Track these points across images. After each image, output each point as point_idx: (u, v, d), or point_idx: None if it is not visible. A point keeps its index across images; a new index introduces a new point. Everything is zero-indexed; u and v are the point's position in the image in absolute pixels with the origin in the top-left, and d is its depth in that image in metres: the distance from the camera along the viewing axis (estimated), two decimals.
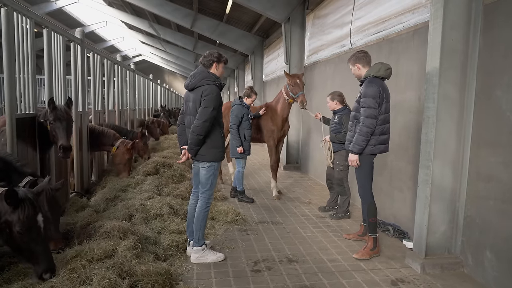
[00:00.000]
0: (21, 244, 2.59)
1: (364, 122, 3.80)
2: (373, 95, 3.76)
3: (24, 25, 3.96)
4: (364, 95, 3.81)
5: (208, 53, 3.74)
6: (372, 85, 3.79)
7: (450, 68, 3.59)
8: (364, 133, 3.81)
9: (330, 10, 7.60)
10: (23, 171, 3.10)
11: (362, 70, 4.02)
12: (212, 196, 3.88)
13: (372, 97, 3.75)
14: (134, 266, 2.94)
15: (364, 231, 4.43)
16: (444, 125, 3.64)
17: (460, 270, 3.70)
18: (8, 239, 2.62)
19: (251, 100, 6.08)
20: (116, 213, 4.30)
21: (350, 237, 4.56)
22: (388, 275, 3.64)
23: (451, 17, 3.51)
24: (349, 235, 4.59)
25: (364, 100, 3.79)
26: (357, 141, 3.86)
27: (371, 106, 3.76)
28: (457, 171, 3.72)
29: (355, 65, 4.06)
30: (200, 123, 3.51)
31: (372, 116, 3.77)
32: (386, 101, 3.87)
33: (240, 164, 6.11)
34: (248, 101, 6.07)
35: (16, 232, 2.58)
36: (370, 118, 3.77)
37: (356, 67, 4.05)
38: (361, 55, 4.04)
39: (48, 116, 4.15)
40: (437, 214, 3.74)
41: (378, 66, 3.90)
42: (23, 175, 3.07)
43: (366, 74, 3.94)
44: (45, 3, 17.51)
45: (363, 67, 4.02)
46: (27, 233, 2.59)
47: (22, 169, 3.11)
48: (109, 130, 6.25)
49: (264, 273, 3.62)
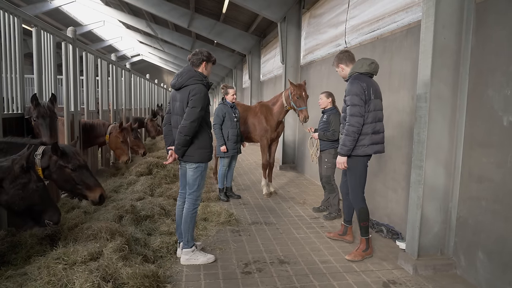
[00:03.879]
0: (75, 179, 3.42)
1: (350, 121, 3.66)
2: (356, 92, 3.63)
3: (11, 24, 3.91)
4: (347, 93, 3.71)
5: (198, 51, 3.68)
6: (355, 82, 3.68)
7: (443, 67, 3.54)
8: (350, 133, 3.66)
9: (326, 9, 7.56)
10: (33, 143, 3.33)
11: (346, 69, 3.94)
12: (200, 197, 3.83)
13: (355, 94, 3.63)
14: (119, 269, 2.88)
15: (345, 231, 4.43)
16: (436, 125, 3.60)
17: (453, 272, 3.65)
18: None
19: (231, 96, 6.03)
20: (106, 214, 4.25)
21: (331, 235, 4.54)
22: (380, 276, 3.59)
23: (443, 15, 3.46)
24: (331, 234, 4.58)
25: (348, 98, 3.68)
26: (344, 142, 3.73)
27: (356, 104, 3.63)
28: (449, 171, 3.67)
29: (338, 66, 4.00)
30: (188, 123, 3.45)
31: (357, 114, 3.63)
32: (375, 97, 3.73)
33: (222, 163, 6.16)
34: (229, 97, 6.03)
35: (70, 170, 3.39)
36: (355, 116, 3.63)
37: (340, 68, 3.98)
38: (342, 55, 3.97)
39: (31, 112, 4.09)
40: (429, 215, 3.70)
41: (360, 62, 3.81)
42: (35, 146, 3.33)
43: (350, 72, 3.86)
44: (42, 2, 17.41)
45: (346, 66, 3.94)
46: (79, 170, 3.43)
47: (31, 142, 3.38)
48: (98, 121, 6.19)
49: (254, 275, 3.57)
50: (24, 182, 2.86)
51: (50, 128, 4.11)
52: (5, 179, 2.81)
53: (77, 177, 3.43)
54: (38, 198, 2.93)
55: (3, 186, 2.81)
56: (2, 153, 3.18)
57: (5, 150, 3.20)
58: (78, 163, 3.44)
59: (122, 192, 5.43)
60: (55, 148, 3.30)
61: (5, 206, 2.93)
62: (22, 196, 2.86)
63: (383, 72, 5.12)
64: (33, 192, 2.90)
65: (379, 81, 5.15)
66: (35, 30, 4.49)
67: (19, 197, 2.85)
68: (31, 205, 2.92)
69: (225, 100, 6.06)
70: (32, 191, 2.89)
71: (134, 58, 36.21)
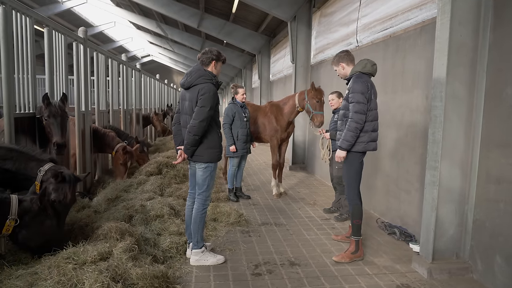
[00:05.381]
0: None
1: (353, 118, 3.68)
2: (362, 90, 3.66)
3: (23, 24, 3.93)
4: (352, 90, 3.72)
5: (208, 50, 3.64)
6: (360, 80, 3.71)
7: (459, 66, 3.44)
8: (353, 129, 3.69)
9: (337, 8, 7.47)
10: (42, 158, 3.46)
11: (347, 68, 3.95)
12: (210, 198, 3.79)
13: (360, 92, 3.66)
14: (129, 269, 2.86)
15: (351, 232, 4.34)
16: (452, 125, 3.50)
17: (469, 276, 3.55)
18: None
19: (241, 96, 5.99)
20: (116, 214, 4.24)
21: (339, 238, 4.47)
22: (393, 280, 3.51)
23: (459, 12, 3.36)
24: (338, 236, 4.50)
25: (353, 95, 3.69)
26: (346, 136, 3.74)
27: (360, 101, 3.65)
28: (465, 172, 3.57)
29: (338, 65, 3.98)
30: (197, 123, 3.41)
31: (361, 112, 3.66)
32: (374, 97, 3.79)
33: (231, 163, 6.12)
34: (239, 97, 5.99)
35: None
36: (359, 114, 3.66)
37: (340, 67, 3.97)
38: (343, 54, 3.98)
39: (43, 112, 4.11)
40: (445, 217, 3.60)
41: (363, 62, 3.82)
42: (42, 161, 3.42)
43: (352, 71, 3.87)
44: (54, 4, 17.65)
45: (347, 65, 3.94)
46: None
47: (41, 156, 3.49)
48: (110, 133, 6.22)
49: (264, 276, 3.52)
50: (42, 219, 3.06)
51: (61, 128, 4.13)
52: (25, 216, 3.02)
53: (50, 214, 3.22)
54: (52, 232, 3.13)
55: (24, 221, 3.01)
56: (13, 161, 3.30)
57: (15, 158, 3.32)
58: (59, 200, 3.25)
59: (132, 191, 5.43)
60: (56, 175, 3.25)
61: (22, 241, 3.08)
62: (39, 232, 3.05)
63: (396, 71, 5.04)
64: (50, 228, 3.13)
65: (392, 80, 5.10)
66: (47, 30, 4.52)
67: (37, 233, 3.05)
68: (47, 240, 3.11)
69: (235, 99, 6.03)
70: (49, 227, 3.12)
71: (144, 58, 36.50)
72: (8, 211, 2.96)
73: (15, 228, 2.98)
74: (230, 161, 6.17)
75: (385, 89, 5.24)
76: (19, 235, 3.02)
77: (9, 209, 2.96)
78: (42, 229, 3.09)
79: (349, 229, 4.43)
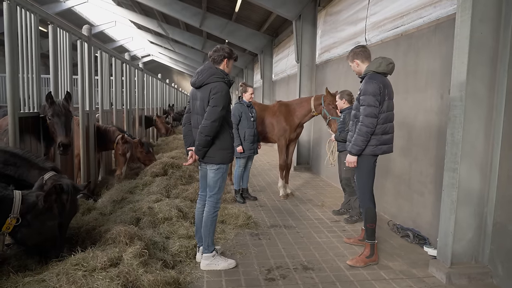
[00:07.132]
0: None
1: (364, 122, 3.53)
2: (373, 92, 3.49)
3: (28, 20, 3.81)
4: (363, 92, 3.55)
5: (220, 48, 3.52)
6: (372, 82, 3.53)
7: (479, 64, 3.34)
8: (363, 133, 3.54)
9: (343, 6, 7.36)
10: (44, 167, 3.28)
11: (362, 65, 3.76)
12: (220, 200, 3.67)
13: (372, 94, 3.49)
14: (140, 276, 2.74)
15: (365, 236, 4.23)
16: (471, 125, 3.39)
17: (489, 281, 3.44)
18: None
19: (249, 95, 5.88)
20: (123, 217, 4.13)
21: (351, 241, 4.34)
22: (411, 285, 3.40)
23: (480, 8, 3.26)
24: (350, 240, 4.38)
25: (364, 97, 3.53)
26: (356, 141, 3.59)
27: (371, 104, 3.49)
28: (485, 174, 3.46)
29: (353, 61, 3.81)
30: (209, 123, 3.29)
31: (372, 115, 3.51)
32: (389, 98, 3.60)
33: (237, 164, 6.02)
34: (247, 96, 5.88)
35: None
36: (370, 117, 3.51)
37: (355, 63, 3.80)
38: (359, 50, 3.79)
39: (46, 111, 3.99)
40: (463, 220, 3.49)
41: (378, 61, 3.62)
42: (44, 170, 3.24)
43: (366, 70, 3.68)
44: (55, 3, 17.51)
45: (362, 62, 3.76)
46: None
47: (44, 165, 3.30)
48: (111, 128, 6.11)
49: (278, 281, 3.41)
50: (45, 218, 2.92)
51: (65, 127, 4.01)
52: (28, 215, 2.87)
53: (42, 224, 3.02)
54: (52, 234, 2.98)
55: (26, 220, 2.86)
56: (15, 167, 3.18)
57: (18, 165, 3.19)
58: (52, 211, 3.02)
59: (137, 193, 5.31)
60: (55, 187, 3.02)
61: (20, 239, 2.94)
62: (39, 231, 2.92)
63: (408, 71, 4.92)
64: (50, 229, 2.98)
65: (403, 80, 4.98)
66: (51, 27, 4.40)
67: (37, 233, 2.91)
68: (44, 240, 2.98)
69: (241, 99, 5.92)
70: (50, 228, 2.97)
71: (145, 58, 36.32)
72: (10, 209, 2.76)
73: (15, 227, 2.80)
74: (236, 162, 6.06)
75: (396, 89, 5.07)
76: (19, 234, 2.86)
77: (11, 207, 2.76)
78: (43, 229, 2.92)
79: (362, 232, 4.33)
